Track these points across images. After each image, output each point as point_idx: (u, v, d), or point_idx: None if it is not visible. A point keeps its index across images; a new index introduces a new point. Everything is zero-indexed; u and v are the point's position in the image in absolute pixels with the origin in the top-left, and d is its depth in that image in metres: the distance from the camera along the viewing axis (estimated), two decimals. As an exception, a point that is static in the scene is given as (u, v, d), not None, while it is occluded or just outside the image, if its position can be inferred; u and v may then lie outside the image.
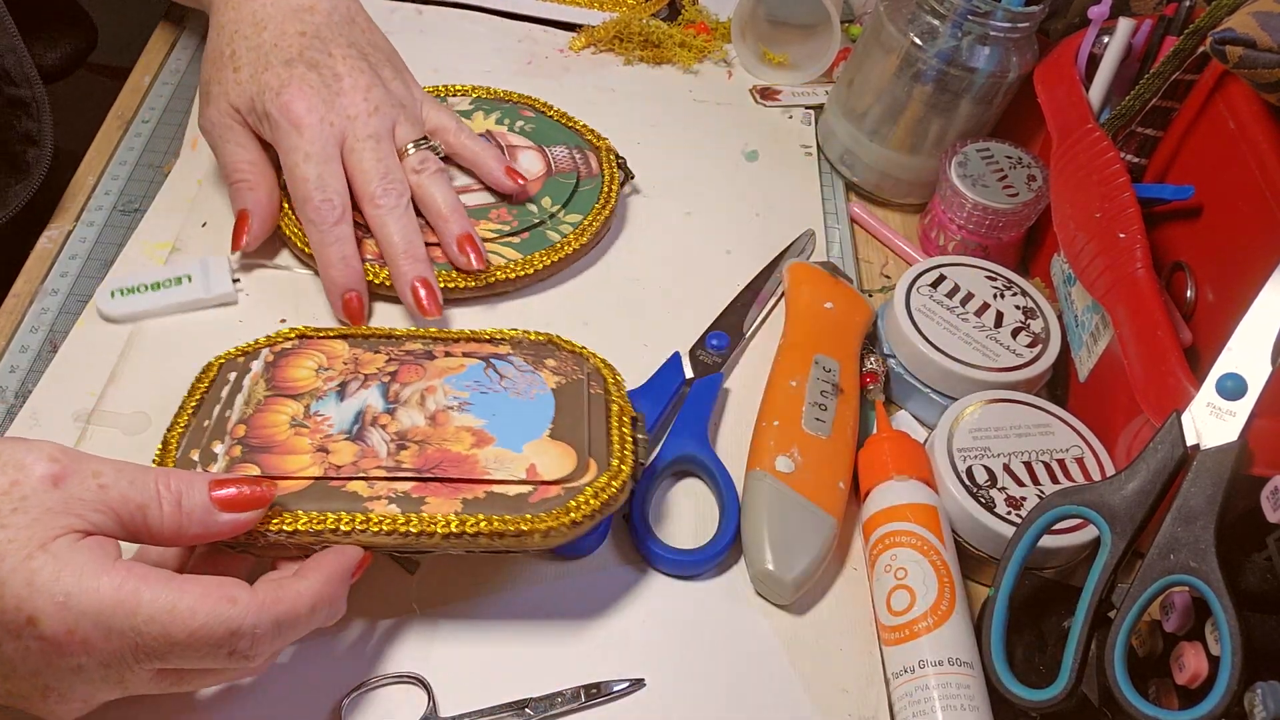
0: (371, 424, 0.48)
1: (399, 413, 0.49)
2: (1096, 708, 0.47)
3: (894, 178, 0.72)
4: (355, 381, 0.51)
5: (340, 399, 0.50)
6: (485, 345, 0.54)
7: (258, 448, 0.47)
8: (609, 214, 0.64)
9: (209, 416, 0.49)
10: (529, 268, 0.60)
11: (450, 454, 0.47)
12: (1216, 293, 0.55)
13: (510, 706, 0.46)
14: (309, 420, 0.48)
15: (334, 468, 0.46)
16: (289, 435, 0.47)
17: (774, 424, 0.54)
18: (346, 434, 0.48)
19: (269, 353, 0.53)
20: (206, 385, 0.51)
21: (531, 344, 0.55)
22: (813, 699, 0.48)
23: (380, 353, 0.53)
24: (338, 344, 0.54)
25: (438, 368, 0.52)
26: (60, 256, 0.60)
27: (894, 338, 0.61)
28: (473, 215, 0.62)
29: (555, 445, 0.48)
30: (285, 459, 0.46)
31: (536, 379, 0.51)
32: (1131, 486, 0.46)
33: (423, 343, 0.54)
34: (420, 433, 0.48)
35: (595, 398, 0.51)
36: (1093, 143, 0.59)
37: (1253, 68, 0.51)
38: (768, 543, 0.50)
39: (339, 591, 0.43)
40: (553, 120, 0.69)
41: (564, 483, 0.46)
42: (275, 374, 0.51)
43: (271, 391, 0.50)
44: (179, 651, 0.37)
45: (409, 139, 0.59)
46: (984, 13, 0.63)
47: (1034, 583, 0.52)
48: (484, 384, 0.51)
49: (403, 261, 0.57)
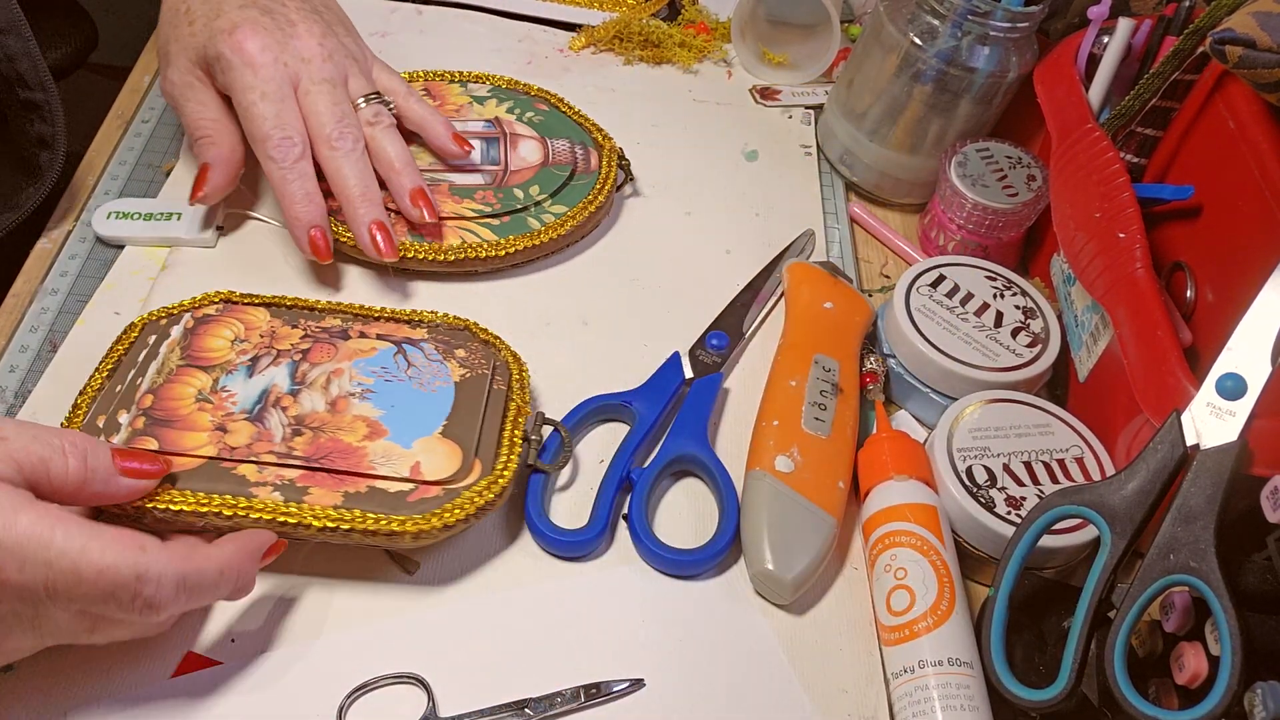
0: (274, 405, 0.50)
1: (302, 395, 0.51)
2: (1096, 708, 0.47)
3: (894, 178, 0.72)
4: (267, 357, 0.52)
5: (249, 374, 0.51)
6: (403, 327, 0.55)
7: (160, 420, 0.49)
8: (597, 210, 0.65)
9: (122, 381, 0.51)
10: (501, 250, 0.61)
11: (341, 444, 0.49)
12: (1216, 293, 0.55)
13: (510, 706, 0.46)
14: (214, 396, 0.50)
15: (228, 449, 0.48)
16: (192, 410, 0.49)
17: (773, 424, 0.54)
18: (248, 414, 0.50)
19: (190, 318, 0.54)
20: (125, 347, 0.52)
21: (447, 329, 0.56)
22: (812, 699, 0.48)
23: (298, 328, 0.54)
24: (259, 313, 0.55)
25: (349, 349, 0.53)
26: (60, 256, 0.60)
27: (894, 337, 0.61)
28: (458, 195, 0.63)
29: (444, 444, 0.50)
30: (184, 435, 0.48)
31: (443, 370, 0.53)
32: (1131, 486, 0.46)
33: (342, 319, 0.56)
34: (317, 419, 0.50)
35: (496, 394, 0.53)
36: (1092, 143, 0.59)
37: (1252, 68, 0.51)
38: (767, 542, 0.50)
39: (248, 567, 0.44)
40: (564, 115, 0.70)
41: (445, 484, 0.48)
42: (192, 342, 0.53)
43: (185, 361, 0.52)
44: (86, 590, 0.38)
45: (361, 92, 0.60)
46: (984, 13, 0.63)
47: (1034, 583, 0.52)
48: (390, 371, 0.53)
49: (359, 205, 0.57)
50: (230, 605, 0.47)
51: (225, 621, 0.47)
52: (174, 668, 0.45)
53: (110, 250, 0.61)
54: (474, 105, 0.69)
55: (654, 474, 0.53)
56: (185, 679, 0.45)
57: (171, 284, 0.59)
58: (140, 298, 0.58)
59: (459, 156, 0.64)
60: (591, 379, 0.58)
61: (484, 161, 0.65)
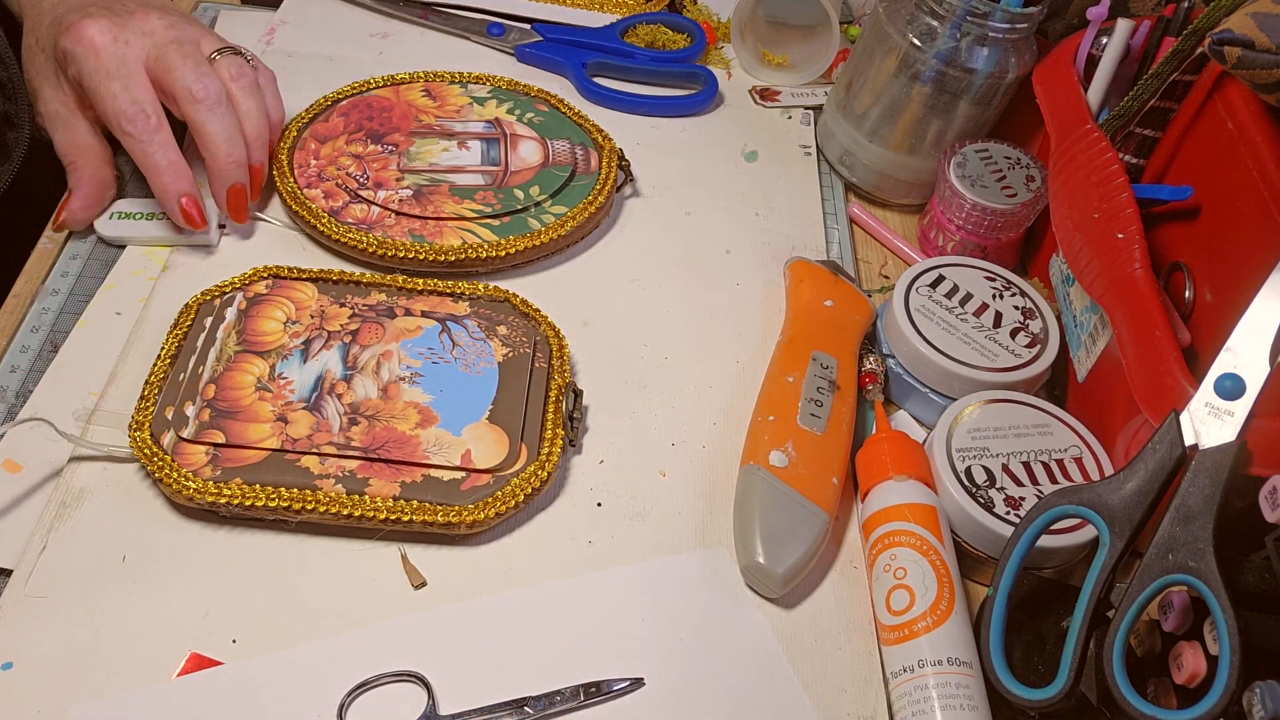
0: (329, 392, 0.53)
1: (355, 381, 0.53)
2: (1095, 707, 0.47)
3: (893, 178, 0.72)
4: (319, 340, 0.55)
5: (304, 359, 0.54)
6: (445, 301, 0.58)
7: (224, 412, 0.51)
8: (597, 210, 0.65)
9: (184, 369, 0.53)
10: (501, 250, 0.61)
11: (395, 433, 0.51)
12: (1215, 293, 0.55)
13: (509, 705, 0.46)
14: (272, 384, 0.53)
15: (290, 440, 0.50)
16: (253, 400, 0.52)
17: (769, 419, 0.55)
18: (305, 402, 0.52)
19: (242, 298, 0.56)
20: (184, 332, 0.54)
21: (488, 302, 0.58)
22: (812, 698, 0.48)
23: (345, 305, 0.57)
24: (307, 288, 0.57)
25: (396, 329, 0.56)
26: (61, 257, 0.60)
27: (893, 338, 0.61)
28: (459, 196, 0.63)
29: (492, 430, 0.52)
30: (248, 427, 0.51)
31: (486, 349, 0.56)
32: (1130, 486, 0.46)
33: (386, 294, 0.58)
34: (371, 406, 0.52)
35: (538, 373, 0.55)
36: (1091, 143, 0.59)
37: (1251, 68, 0.51)
38: (759, 535, 0.50)
39: None
40: (564, 116, 0.70)
41: (494, 471, 0.51)
42: (246, 325, 0.55)
43: (241, 347, 0.54)
44: None
45: (213, 48, 0.59)
46: (983, 14, 0.63)
47: (1033, 582, 0.52)
48: (436, 352, 0.55)
49: (226, 165, 0.57)
50: (230, 607, 0.47)
51: (227, 622, 0.47)
52: (177, 668, 0.45)
53: (111, 251, 0.61)
54: (474, 106, 0.69)
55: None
56: (187, 679, 0.45)
57: (173, 284, 0.59)
58: (141, 298, 0.58)
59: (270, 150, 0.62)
60: (593, 378, 0.58)
61: (484, 162, 0.65)
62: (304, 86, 0.70)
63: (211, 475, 0.49)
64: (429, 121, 0.68)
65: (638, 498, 0.54)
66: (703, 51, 0.79)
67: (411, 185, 0.63)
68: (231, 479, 0.49)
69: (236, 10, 0.78)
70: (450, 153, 0.66)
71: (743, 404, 0.58)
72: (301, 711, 0.45)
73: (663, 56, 0.78)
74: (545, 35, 0.77)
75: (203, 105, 0.56)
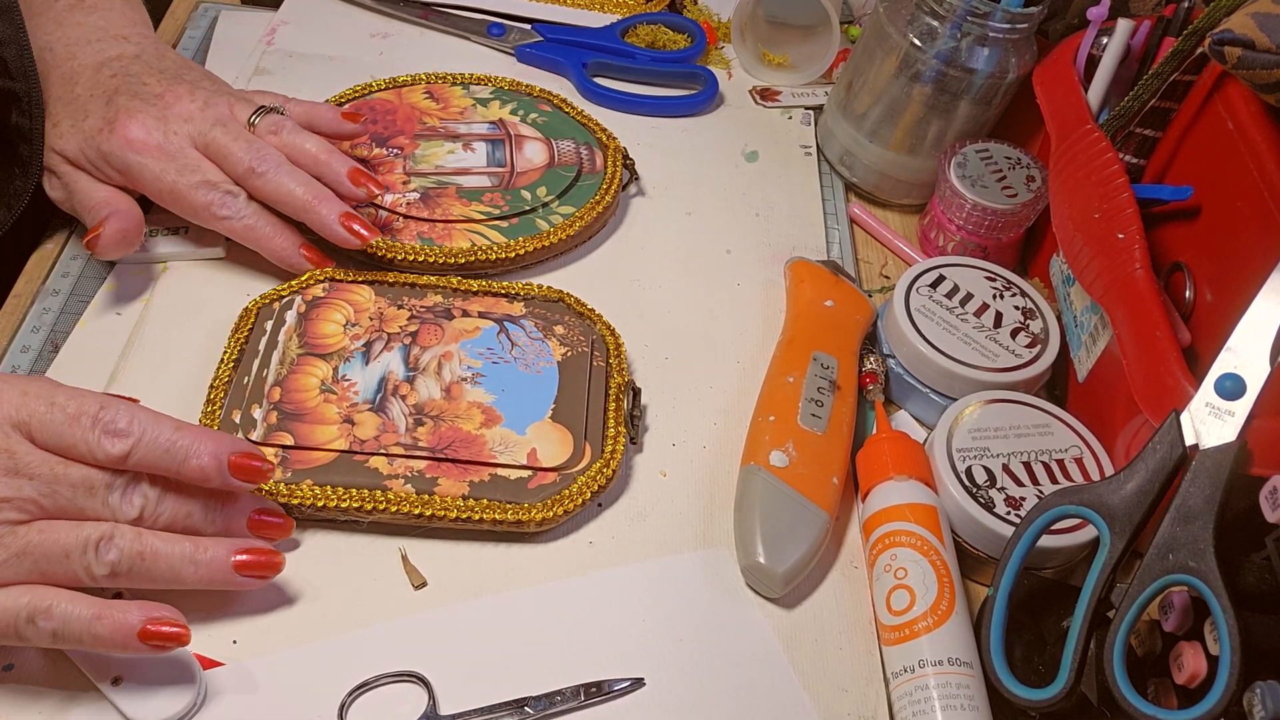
0: (393, 394, 0.53)
1: (418, 382, 0.53)
2: (1096, 707, 0.47)
3: (893, 178, 0.72)
4: (379, 342, 0.55)
5: (365, 361, 0.54)
6: (501, 302, 0.58)
7: (291, 414, 0.51)
8: (604, 210, 0.65)
9: (248, 373, 0.53)
10: (511, 251, 0.61)
11: (461, 433, 0.52)
12: (1215, 293, 0.55)
13: (510, 705, 0.46)
14: (336, 386, 0.53)
15: (358, 441, 0.51)
16: (319, 402, 0.52)
17: (769, 419, 0.55)
18: (370, 404, 0.52)
19: (301, 301, 0.56)
20: (245, 335, 0.55)
21: (543, 302, 0.58)
22: (812, 698, 0.48)
23: (403, 308, 0.57)
24: (364, 290, 0.57)
25: (455, 330, 0.56)
26: (61, 257, 0.60)
27: (893, 338, 0.61)
28: (466, 198, 0.63)
29: (556, 429, 0.53)
30: (315, 429, 0.51)
31: (545, 349, 0.56)
32: (1130, 486, 0.46)
33: (443, 295, 0.58)
34: (435, 407, 0.53)
35: (597, 371, 0.55)
36: (1091, 143, 0.59)
37: (1251, 68, 0.51)
38: (759, 535, 0.50)
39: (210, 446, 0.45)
40: (568, 116, 0.70)
41: (560, 470, 0.51)
42: (307, 329, 0.55)
43: (304, 350, 0.54)
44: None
45: (247, 115, 0.59)
46: (983, 14, 0.63)
47: (1033, 582, 0.52)
48: (496, 352, 0.55)
49: (317, 206, 0.57)
50: (231, 609, 0.47)
51: (227, 623, 0.47)
52: (175, 667, 0.45)
53: (112, 251, 0.61)
54: (477, 107, 0.69)
55: None
56: (187, 678, 0.45)
57: (174, 285, 0.59)
58: (142, 298, 0.58)
59: (356, 133, 0.63)
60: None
61: (490, 164, 0.65)
62: (305, 87, 0.70)
63: (283, 477, 0.49)
64: (433, 124, 0.68)
65: (638, 498, 0.54)
66: (703, 51, 0.79)
67: (418, 188, 0.63)
68: (303, 480, 0.49)
69: (237, 10, 0.78)
70: (456, 155, 0.66)
71: (743, 404, 0.58)
72: (302, 711, 0.45)
73: (663, 57, 0.78)
74: (545, 35, 0.77)
75: (266, 175, 0.56)
